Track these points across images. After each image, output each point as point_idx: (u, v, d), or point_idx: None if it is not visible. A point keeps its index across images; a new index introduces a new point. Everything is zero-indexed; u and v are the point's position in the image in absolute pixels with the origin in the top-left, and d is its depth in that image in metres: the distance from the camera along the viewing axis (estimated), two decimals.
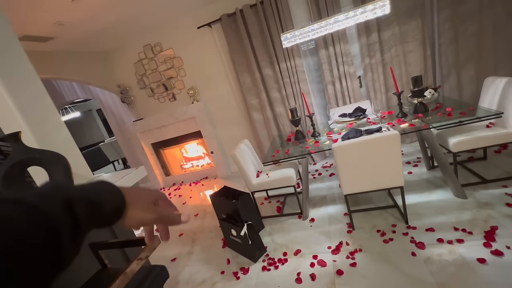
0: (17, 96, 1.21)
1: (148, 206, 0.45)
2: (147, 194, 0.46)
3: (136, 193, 0.44)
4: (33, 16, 2.30)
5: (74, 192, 0.35)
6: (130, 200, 0.42)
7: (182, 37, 3.62)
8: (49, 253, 0.30)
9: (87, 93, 4.68)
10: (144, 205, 0.44)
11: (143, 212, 0.43)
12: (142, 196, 0.45)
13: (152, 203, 0.46)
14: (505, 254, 1.49)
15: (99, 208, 0.37)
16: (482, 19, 2.69)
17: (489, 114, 1.81)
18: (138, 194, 0.44)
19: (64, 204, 0.33)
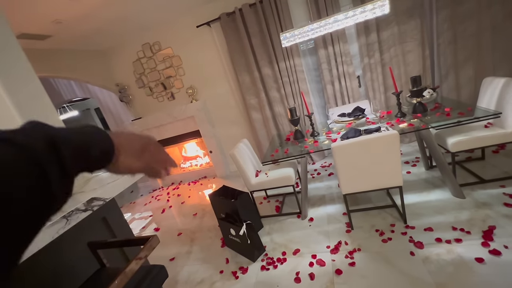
0: (15, 94, 1.20)
1: (137, 153, 0.43)
2: (137, 140, 0.44)
3: (126, 139, 0.42)
4: (31, 14, 2.28)
5: (58, 132, 0.33)
6: (119, 145, 0.40)
7: (181, 36, 3.61)
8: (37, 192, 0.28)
9: (85, 92, 4.66)
10: (133, 152, 0.43)
11: (131, 159, 0.42)
12: (132, 142, 0.43)
13: (141, 150, 0.44)
14: (503, 254, 1.50)
15: (86, 150, 0.35)
16: (480, 19, 2.70)
17: (488, 114, 1.82)
18: (128, 140, 0.43)
19: (47, 142, 0.30)
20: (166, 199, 3.97)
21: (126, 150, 0.41)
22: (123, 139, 0.42)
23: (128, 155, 0.42)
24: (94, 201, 0.94)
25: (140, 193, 4.61)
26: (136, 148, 0.43)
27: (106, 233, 1.24)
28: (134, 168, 0.43)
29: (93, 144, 0.36)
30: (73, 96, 4.86)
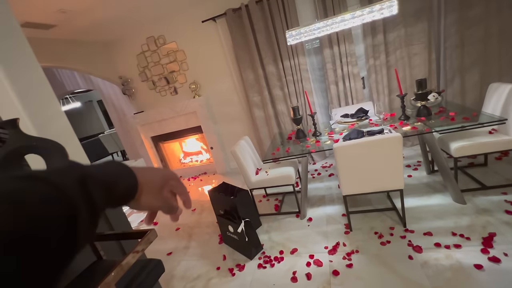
0: (17, 82, 1.19)
1: (158, 192, 0.44)
2: (159, 178, 0.45)
3: (149, 176, 0.43)
4: (35, 2, 2.27)
5: (90, 170, 0.34)
6: (142, 183, 0.41)
7: (186, 30, 3.59)
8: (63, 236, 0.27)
9: (88, 83, 4.65)
10: (154, 191, 0.43)
11: (151, 198, 0.43)
12: (154, 180, 0.44)
13: (162, 188, 0.45)
14: (503, 261, 1.49)
15: (113, 188, 0.36)
16: (489, 24, 2.67)
17: (493, 120, 1.80)
18: (151, 178, 0.43)
19: (80, 181, 0.31)
20: None
21: (149, 187, 0.42)
22: (147, 176, 0.42)
23: (149, 192, 0.42)
24: None
25: None
26: (159, 184, 0.44)
27: (104, 225, 1.23)
28: (154, 206, 0.44)
29: (120, 182, 0.38)
30: (76, 87, 4.85)
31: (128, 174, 0.40)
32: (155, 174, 0.45)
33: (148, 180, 0.43)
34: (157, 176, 0.45)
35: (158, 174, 0.45)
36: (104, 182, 0.35)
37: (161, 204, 0.45)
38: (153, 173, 0.45)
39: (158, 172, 0.46)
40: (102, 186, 0.34)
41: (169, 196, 0.47)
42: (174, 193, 0.49)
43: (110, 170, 0.38)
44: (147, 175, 0.43)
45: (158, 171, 0.46)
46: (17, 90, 1.17)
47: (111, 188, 0.36)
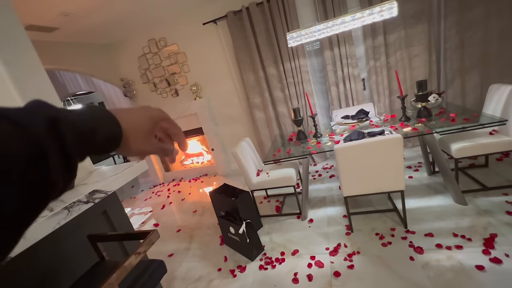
0: (21, 84, 1.20)
1: (147, 136, 0.40)
2: (147, 120, 0.41)
3: (134, 120, 0.39)
4: (39, 5, 2.29)
5: (62, 113, 0.30)
6: (127, 129, 0.38)
7: (187, 32, 3.61)
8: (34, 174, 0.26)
9: (90, 85, 4.67)
10: (143, 135, 0.40)
11: (140, 143, 0.40)
12: (141, 123, 0.40)
13: (151, 132, 0.41)
14: (504, 262, 1.49)
15: (91, 135, 0.33)
16: (488, 26, 2.68)
17: (493, 121, 1.80)
18: (137, 121, 0.40)
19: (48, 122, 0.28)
20: (166, 195, 3.98)
21: (136, 132, 0.39)
22: (132, 121, 0.39)
23: (138, 137, 0.39)
24: (95, 193, 0.94)
25: (141, 189, 4.62)
26: (147, 128, 0.40)
27: (106, 226, 1.24)
28: (146, 151, 0.41)
29: (99, 129, 0.34)
30: (77, 89, 4.87)
31: (109, 120, 0.36)
32: (142, 116, 0.41)
33: (134, 124, 0.39)
34: (145, 119, 0.41)
35: (145, 116, 0.41)
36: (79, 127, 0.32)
37: (154, 149, 0.42)
38: (139, 115, 0.41)
39: (145, 113, 0.41)
40: (76, 130, 0.31)
41: (162, 138, 0.45)
42: (167, 134, 0.46)
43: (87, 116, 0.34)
44: (133, 119, 0.39)
45: (145, 112, 0.42)
46: (21, 91, 1.19)
47: (88, 133, 0.33)
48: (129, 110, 0.40)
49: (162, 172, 4.62)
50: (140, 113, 0.41)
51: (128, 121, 0.38)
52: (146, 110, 0.42)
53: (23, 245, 0.69)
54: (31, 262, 0.94)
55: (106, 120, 0.36)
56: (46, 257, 0.98)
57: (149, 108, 0.43)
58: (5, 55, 1.17)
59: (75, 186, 1.02)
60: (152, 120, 0.42)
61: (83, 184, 1.05)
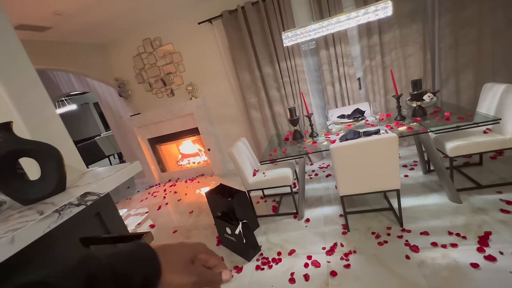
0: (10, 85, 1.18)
1: (186, 267, 0.40)
2: (184, 252, 0.42)
3: (172, 254, 0.40)
4: (30, 4, 2.25)
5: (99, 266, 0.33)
6: (165, 263, 0.38)
7: (182, 32, 3.59)
8: None
9: (84, 85, 4.62)
10: (182, 267, 0.40)
11: (181, 276, 0.39)
12: (178, 256, 0.40)
13: (190, 261, 0.41)
14: (498, 260, 1.50)
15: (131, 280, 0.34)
16: (482, 25, 2.70)
17: (487, 119, 1.81)
18: (174, 255, 0.40)
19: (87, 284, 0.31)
20: (162, 196, 3.96)
21: (175, 265, 0.39)
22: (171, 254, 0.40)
23: (176, 271, 0.39)
24: (88, 195, 0.92)
25: (137, 189, 4.59)
26: (186, 260, 0.41)
27: (100, 228, 1.22)
28: (186, 285, 0.39)
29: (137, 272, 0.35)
30: (71, 90, 4.82)
31: (149, 261, 0.37)
32: (181, 249, 0.42)
33: (172, 258, 0.39)
34: (183, 251, 0.42)
35: (184, 248, 0.42)
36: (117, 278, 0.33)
37: (195, 278, 0.40)
38: (178, 249, 0.42)
39: (184, 246, 0.43)
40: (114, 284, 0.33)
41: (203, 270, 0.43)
42: (208, 267, 0.45)
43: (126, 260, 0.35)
44: (171, 253, 0.40)
45: (184, 245, 0.43)
46: (10, 93, 1.16)
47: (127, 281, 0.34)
48: (169, 245, 0.41)
49: (158, 172, 4.59)
50: (178, 246, 0.43)
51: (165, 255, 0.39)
52: (185, 243, 0.44)
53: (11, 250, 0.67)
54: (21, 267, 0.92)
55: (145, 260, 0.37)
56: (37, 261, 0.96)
57: (188, 243, 0.45)
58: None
59: (66, 188, 1.00)
60: (190, 251, 0.42)
61: (75, 186, 1.03)
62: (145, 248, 0.38)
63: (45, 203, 0.90)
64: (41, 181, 0.94)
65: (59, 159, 0.95)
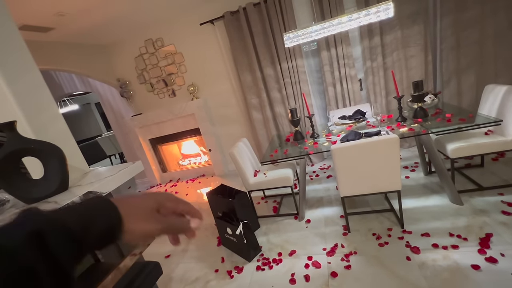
0: (15, 85, 1.19)
1: (150, 215, 0.39)
2: (147, 201, 0.40)
3: (133, 203, 0.38)
4: (34, 5, 2.27)
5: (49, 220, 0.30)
6: (127, 213, 0.36)
7: (184, 33, 3.60)
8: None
9: (86, 86, 4.65)
10: (145, 215, 0.38)
11: (145, 223, 0.38)
12: (141, 205, 0.39)
13: (154, 210, 0.40)
14: (499, 262, 1.50)
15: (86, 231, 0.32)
16: (484, 26, 2.70)
17: (488, 121, 1.81)
18: (136, 205, 0.39)
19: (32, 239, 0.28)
20: None
21: (138, 212, 0.38)
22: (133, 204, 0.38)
23: (140, 217, 0.37)
24: (90, 194, 0.93)
25: (138, 189, 4.60)
26: (149, 209, 0.39)
27: None
28: (153, 232, 0.38)
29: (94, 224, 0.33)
30: (74, 90, 4.84)
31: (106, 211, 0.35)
32: (143, 198, 0.40)
33: (134, 208, 0.38)
34: (145, 200, 0.40)
35: (145, 197, 0.41)
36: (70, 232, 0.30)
37: (161, 226, 0.39)
38: (139, 198, 0.40)
39: (146, 196, 0.41)
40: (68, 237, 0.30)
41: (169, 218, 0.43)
42: (178, 214, 0.44)
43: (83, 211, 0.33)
44: (132, 203, 0.38)
45: (146, 195, 0.42)
46: (14, 93, 1.17)
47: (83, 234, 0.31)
48: (129, 195, 0.40)
49: (159, 172, 4.60)
50: (139, 196, 0.40)
51: (126, 206, 0.37)
52: (148, 193, 0.42)
53: None
54: None
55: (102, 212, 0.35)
56: None
57: (151, 192, 0.43)
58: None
59: (69, 188, 1.01)
60: (153, 200, 0.40)
61: (78, 186, 1.04)
62: (102, 201, 0.36)
63: (48, 202, 0.91)
64: (44, 180, 0.95)
65: (62, 158, 0.96)
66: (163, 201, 0.41)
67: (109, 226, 0.34)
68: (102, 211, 0.35)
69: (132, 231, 0.36)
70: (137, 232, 0.37)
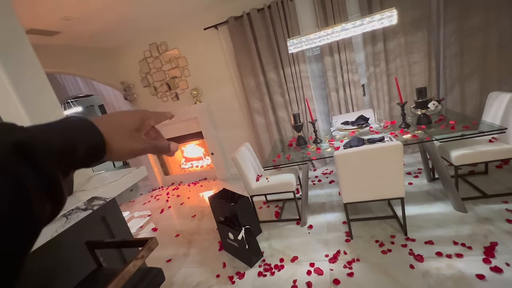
0: (21, 88, 1.20)
1: (133, 135, 0.39)
2: (128, 120, 0.39)
3: (115, 123, 0.38)
4: (40, 9, 2.30)
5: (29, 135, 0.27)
6: (109, 132, 0.35)
7: (188, 37, 3.63)
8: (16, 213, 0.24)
9: (90, 88, 4.69)
10: (128, 135, 0.38)
11: (128, 143, 0.38)
12: (122, 124, 0.38)
13: (136, 130, 0.40)
14: (505, 271, 1.48)
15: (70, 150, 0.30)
16: (488, 33, 2.70)
17: (493, 129, 1.80)
18: (118, 124, 0.38)
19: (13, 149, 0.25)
20: (165, 199, 3.97)
21: (119, 131, 0.37)
22: (113, 123, 0.37)
23: (123, 137, 0.37)
24: (94, 200, 0.93)
25: (140, 192, 4.60)
26: (131, 125, 0.39)
27: (104, 232, 1.23)
28: (136, 151, 0.39)
29: (78, 141, 0.31)
30: (78, 92, 4.88)
31: (89, 129, 0.34)
32: (124, 116, 0.40)
33: (116, 125, 0.37)
34: (127, 117, 0.40)
35: (126, 115, 0.40)
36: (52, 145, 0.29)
37: (144, 145, 0.40)
38: (120, 116, 0.39)
39: (127, 113, 0.40)
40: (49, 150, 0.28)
41: (153, 137, 0.44)
42: (157, 132, 0.45)
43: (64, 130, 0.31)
44: (113, 121, 0.38)
45: (126, 112, 0.41)
46: (21, 96, 1.19)
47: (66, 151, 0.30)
48: (109, 114, 0.39)
49: (161, 175, 4.61)
50: (121, 114, 0.40)
51: (108, 123, 0.36)
52: (127, 111, 0.41)
53: None
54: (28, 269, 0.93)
55: (85, 130, 0.33)
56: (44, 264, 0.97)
57: (131, 110, 0.43)
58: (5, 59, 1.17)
59: (74, 193, 1.02)
60: (135, 118, 0.40)
61: (82, 191, 1.04)
62: (82, 120, 0.34)
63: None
64: None
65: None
66: (143, 120, 0.41)
67: (92, 145, 0.33)
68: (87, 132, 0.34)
69: (116, 150, 0.36)
70: (122, 152, 0.37)
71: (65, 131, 0.31)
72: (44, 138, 0.29)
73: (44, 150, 0.28)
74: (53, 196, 0.28)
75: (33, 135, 0.28)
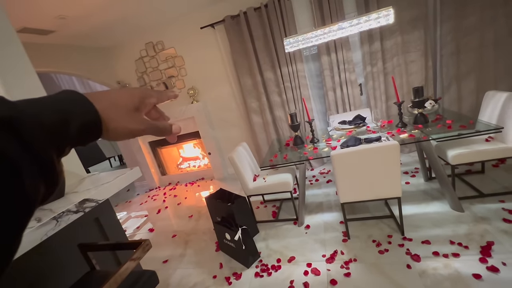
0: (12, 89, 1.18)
1: (131, 114, 0.36)
2: (127, 98, 0.37)
3: (111, 100, 0.35)
4: (34, 8, 2.27)
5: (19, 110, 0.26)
6: (106, 108, 0.33)
7: (184, 36, 3.61)
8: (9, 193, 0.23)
9: (86, 88, 4.65)
10: (126, 113, 0.36)
11: (126, 122, 0.35)
12: (120, 102, 0.36)
13: (135, 109, 0.37)
14: (501, 271, 1.48)
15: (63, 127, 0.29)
16: (484, 33, 2.70)
17: (489, 128, 1.81)
18: (114, 101, 0.35)
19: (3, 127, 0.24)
20: (162, 199, 3.94)
21: (117, 109, 0.35)
22: (111, 99, 0.35)
23: (121, 115, 0.35)
24: (86, 202, 0.91)
25: (137, 192, 4.57)
26: (130, 103, 0.36)
27: (98, 234, 1.21)
28: (134, 131, 0.36)
29: (70, 115, 0.29)
30: None
31: (82, 103, 0.31)
32: (122, 93, 0.37)
33: (114, 102, 0.35)
34: (126, 95, 0.37)
35: (126, 92, 0.37)
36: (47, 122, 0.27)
37: (144, 126, 0.37)
38: (119, 93, 0.37)
39: (126, 90, 0.38)
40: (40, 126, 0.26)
41: (154, 117, 0.41)
42: (160, 112, 0.42)
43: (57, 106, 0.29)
44: (111, 97, 0.35)
45: (126, 89, 0.38)
46: (11, 96, 1.16)
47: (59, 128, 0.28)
48: (106, 91, 0.36)
49: (158, 175, 4.58)
50: (119, 91, 0.37)
51: (104, 100, 0.34)
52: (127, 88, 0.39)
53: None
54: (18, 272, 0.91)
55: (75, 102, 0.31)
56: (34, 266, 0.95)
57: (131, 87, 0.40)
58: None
59: (65, 194, 1.00)
60: (134, 96, 0.37)
61: (74, 192, 1.02)
62: (77, 95, 0.31)
63: (43, 210, 0.90)
64: None
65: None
66: (143, 98, 0.39)
67: (89, 125, 0.31)
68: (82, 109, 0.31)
69: (113, 129, 0.34)
70: (119, 131, 0.35)
71: (56, 103, 0.29)
72: (34, 112, 0.27)
73: (33, 123, 0.26)
74: (46, 172, 0.26)
75: (21, 109, 0.26)
